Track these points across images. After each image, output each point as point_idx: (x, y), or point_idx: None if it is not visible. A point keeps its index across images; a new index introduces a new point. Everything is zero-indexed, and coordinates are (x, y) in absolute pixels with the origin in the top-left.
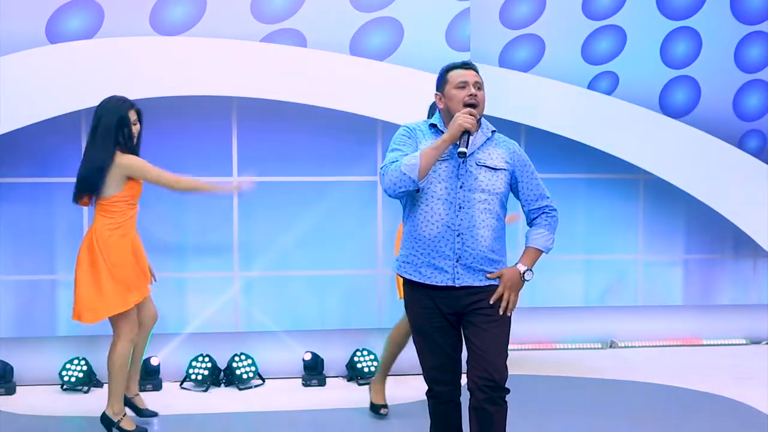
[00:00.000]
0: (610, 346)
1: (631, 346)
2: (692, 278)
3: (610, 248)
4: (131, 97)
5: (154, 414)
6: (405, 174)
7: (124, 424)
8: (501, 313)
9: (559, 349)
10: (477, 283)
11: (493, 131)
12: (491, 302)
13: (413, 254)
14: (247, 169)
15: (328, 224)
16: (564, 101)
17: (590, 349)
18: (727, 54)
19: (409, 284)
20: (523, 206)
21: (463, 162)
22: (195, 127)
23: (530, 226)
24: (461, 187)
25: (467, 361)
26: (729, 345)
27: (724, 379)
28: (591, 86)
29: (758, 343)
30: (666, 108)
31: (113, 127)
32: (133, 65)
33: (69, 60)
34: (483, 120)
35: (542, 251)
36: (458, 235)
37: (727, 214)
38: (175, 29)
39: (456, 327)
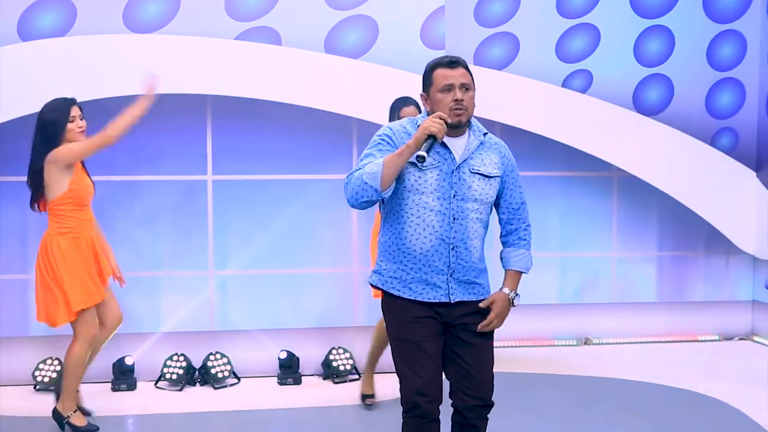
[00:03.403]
0: (585, 343)
1: (605, 343)
2: (665, 275)
3: (584, 246)
4: (104, 95)
5: (89, 413)
6: (366, 183)
7: (74, 420)
8: (478, 329)
9: (534, 346)
10: (469, 298)
11: (485, 133)
12: (479, 329)
13: (401, 269)
14: (221, 167)
15: (303, 223)
16: (538, 99)
17: (564, 346)
18: (699, 52)
19: (392, 297)
20: (501, 212)
21: (456, 170)
22: (169, 125)
23: (505, 240)
24: (454, 196)
25: (454, 378)
26: (702, 341)
27: (696, 375)
28: (565, 84)
29: (731, 339)
30: (639, 106)
31: (43, 129)
32: (106, 63)
33: (41, 58)
34: (474, 121)
35: (523, 273)
36: (453, 249)
37: (700, 212)
38: (148, 27)
39: (442, 334)
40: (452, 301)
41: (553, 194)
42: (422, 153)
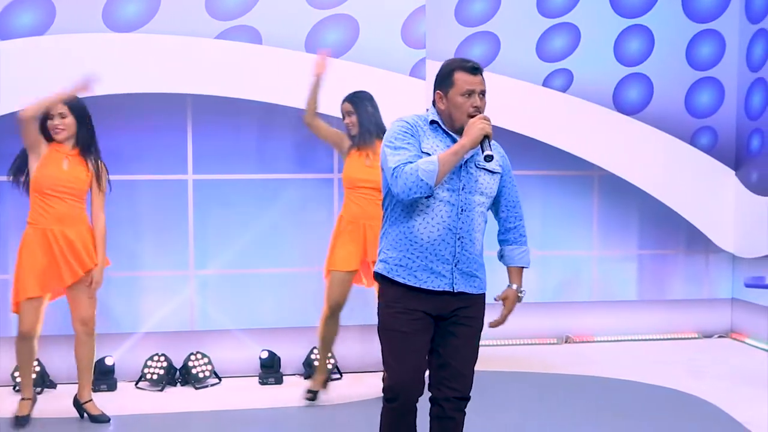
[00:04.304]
0: (565, 341)
1: (586, 341)
2: (646, 273)
3: (564, 244)
4: (84, 94)
5: (107, 419)
6: (423, 180)
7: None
8: (490, 325)
9: (515, 344)
10: (470, 290)
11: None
12: (492, 325)
13: (408, 257)
14: (202, 167)
15: (284, 222)
16: (519, 98)
17: (545, 344)
18: (679, 52)
19: (395, 286)
20: (501, 210)
21: (464, 164)
22: (149, 125)
23: (505, 238)
24: (463, 189)
25: (435, 368)
26: (682, 339)
27: (676, 373)
28: (546, 83)
29: (710, 336)
30: (619, 105)
31: None
32: (85, 62)
33: (20, 57)
34: None
35: (526, 268)
36: (459, 239)
37: (679, 210)
38: (128, 26)
39: (432, 329)
40: (455, 291)
41: (534, 193)
42: (490, 152)
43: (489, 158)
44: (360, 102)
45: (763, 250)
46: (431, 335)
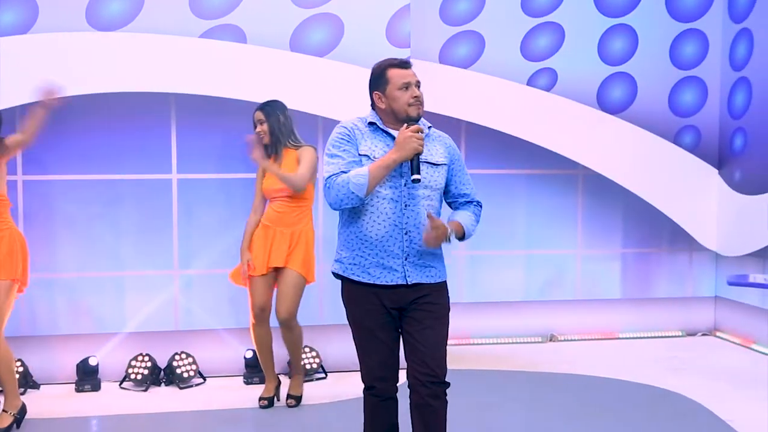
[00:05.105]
0: (550, 340)
1: (571, 340)
2: (629, 272)
3: (549, 243)
4: (67, 94)
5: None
6: (353, 192)
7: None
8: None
9: (500, 343)
10: (425, 280)
11: (429, 126)
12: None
13: (360, 255)
14: (186, 166)
15: None
16: (503, 97)
17: (530, 342)
18: (662, 51)
19: (351, 283)
20: (452, 197)
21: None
22: (133, 124)
23: (455, 209)
24: (405, 185)
25: (407, 357)
26: (666, 337)
27: (660, 370)
28: (530, 82)
29: (694, 334)
30: (604, 104)
31: None
32: (69, 61)
33: (1, 56)
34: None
35: (464, 232)
36: (406, 233)
37: (663, 209)
38: (111, 25)
39: (397, 321)
40: (409, 283)
41: (518, 192)
42: (418, 177)
43: (416, 182)
44: (272, 111)
45: (746, 249)
46: (397, 326)
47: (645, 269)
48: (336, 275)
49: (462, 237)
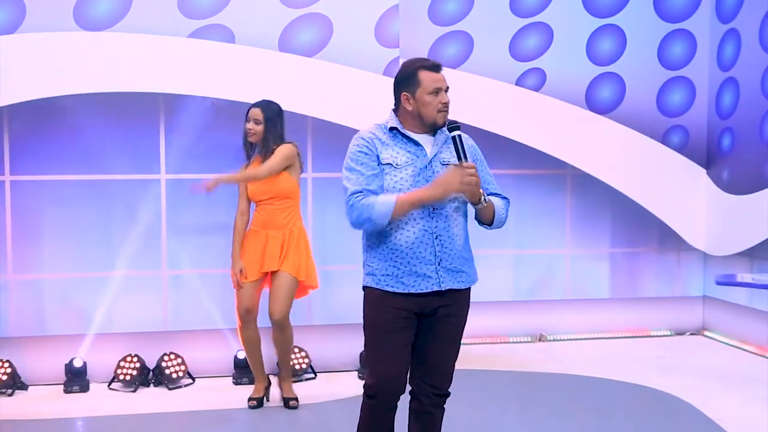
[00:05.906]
0: (539, 340)
1: (560, 339)
2: (618, 272)
3: (538, 243)
4: (55, 94)
5: None
6: (373, 221)
7: None
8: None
9: (489, 343)
10: (457, 286)
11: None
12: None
13: (392, 265)
14: (174, 166)
15: None
16: (492, 97)
17: (519, 342)
18: (650, 51)
19: (382, 292)
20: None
21: (429, 163)
22: (121, 124)
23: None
24: None
25: (414, 364)
26: (654, 336)
27: (649, 370)
28: (519, 83)
29: (682, 334)
30: (592, 104)
31: None
32: (56, 61)
33: None
34: None
35: (494, 213)
36: (436, 238)
37: (651, 209)
38: (99, 24)
39: (415, 325)
40: (444, 289)
41: (507, 192)
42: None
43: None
44: (271, 116)
45: (734, 248)
46: (414, 329)
47: (633, 269)
48: (369, 288)
49: (491, 218)
